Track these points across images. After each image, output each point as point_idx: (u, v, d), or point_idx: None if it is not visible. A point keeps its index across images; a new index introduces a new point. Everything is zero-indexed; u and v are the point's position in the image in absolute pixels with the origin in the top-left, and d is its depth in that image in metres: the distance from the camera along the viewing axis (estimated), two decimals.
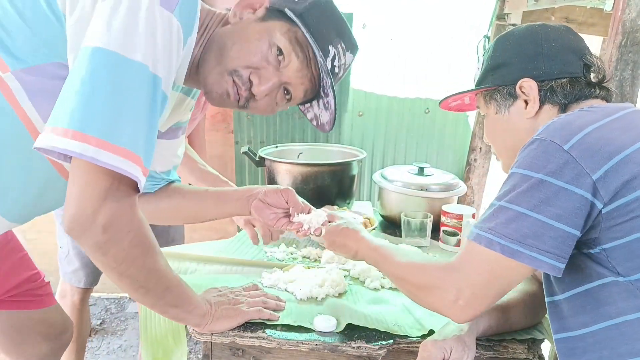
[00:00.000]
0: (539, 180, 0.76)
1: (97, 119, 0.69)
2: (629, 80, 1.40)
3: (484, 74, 1.03)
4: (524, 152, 0.81)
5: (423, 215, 1.53)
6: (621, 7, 1.34)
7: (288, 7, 0.92)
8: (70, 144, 0.68)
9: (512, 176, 0.81)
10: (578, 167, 0.74)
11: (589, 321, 0.79)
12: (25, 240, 2.68)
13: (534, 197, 0.76)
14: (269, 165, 1.80)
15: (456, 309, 0.82)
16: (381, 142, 2.54)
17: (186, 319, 0.97)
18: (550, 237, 0.75)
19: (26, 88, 0.79)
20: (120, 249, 0.78)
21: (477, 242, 0.80)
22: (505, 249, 0.77)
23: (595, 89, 0.93)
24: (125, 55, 0.71)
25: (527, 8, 1.97)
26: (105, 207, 0.74)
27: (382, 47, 2.41)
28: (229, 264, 1.37)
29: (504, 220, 0.78)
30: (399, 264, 0.96)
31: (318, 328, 1.02)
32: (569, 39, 0.96)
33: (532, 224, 0.75)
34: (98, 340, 2.60)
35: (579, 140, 0.76)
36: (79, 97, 0.69)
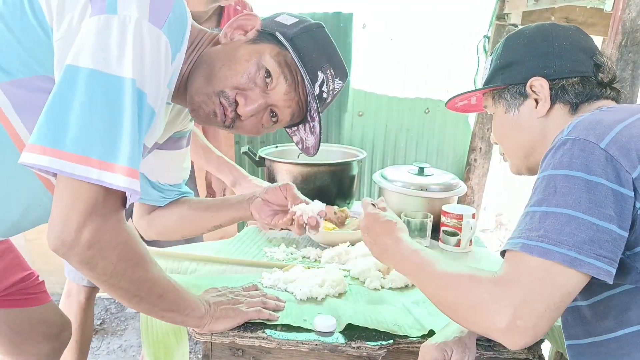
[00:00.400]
0: (585, 180, 0.71)
1: (78, 135, 0.70)
2: (629, 80, 1.40)
3: (493, 73, 1.00)
4: (556, 153, 0.76)
5: (423, 215, 1.53)
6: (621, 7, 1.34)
7: (279, 30, 0.93)
8: (51, 161, 0.69)
9: (549, 179, 0.75)
10: (618, 165, 0.71)
11: (614, 327, 0.76)
12: (25, 240, 2.69)
13: (583, 198, 0.71)
14: (269, 165, 1.80)
15: (514, 331, 0.70)
16: (381, 142, 2.54)
17: (184, 321, 0.97)
18: (606, 241, 0.70)
19: (13, 101, 0.79)
20: (109, 263, 0.77)
21: (528, 253, 0.71)
22: (564, 257, 0.70)
23: (606, 90, 0.91)
24: (109, 72, 0.72)
25: (527, 8, 1.97)
26: (89, 223, 0.73)
27: (382, 47, 2.41)
28: (229, 264, 1.37)
29: (555, 226, 0.71)
30: (438, 275, 0.83)
31: (318, 328, 1.02)
32: (579, 38, 0.95)
33: (588, 227, 0.70)
34: (98, 340, 2.60)
35: (613, 139, 0.73)
36: (60, 114, 0.70)
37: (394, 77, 2.46)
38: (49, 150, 0.69)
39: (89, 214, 0.73)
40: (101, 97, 0.72)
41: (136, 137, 0.74)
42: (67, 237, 0.73)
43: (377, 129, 2.52)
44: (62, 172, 0.70)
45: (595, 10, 2.03)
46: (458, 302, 0.78)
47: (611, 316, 0.77)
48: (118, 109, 0.72)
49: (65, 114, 0.71)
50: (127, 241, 0.79)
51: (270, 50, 0.92)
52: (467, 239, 1.50)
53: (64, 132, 0.70)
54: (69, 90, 0.71)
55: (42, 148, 0.70)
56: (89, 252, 0.75)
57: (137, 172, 0.74)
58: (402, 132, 2.53)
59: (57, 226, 0.74)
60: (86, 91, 0.71)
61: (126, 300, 0.85)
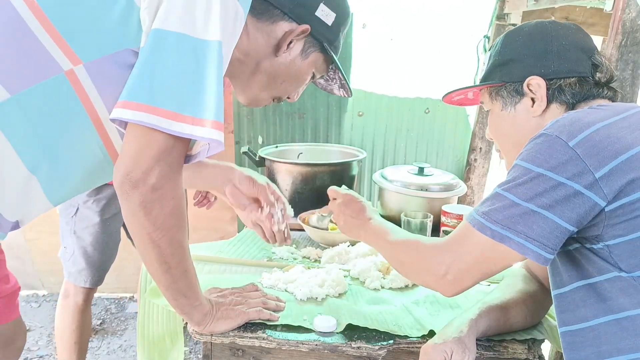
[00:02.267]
0: (538, 174, 0.77)
1: (171, 93, 0.76)
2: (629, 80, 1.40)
3: (490, 69, 1.01)
4: (529, 144, 0.82)
5: (423, 215, 1.53)
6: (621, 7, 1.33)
7: (326, 39, 1.00)
8: (147, 116, 0.75)
9: (515, 167, 0.82)
10: (581, 165, 0.74)
11: (589, 315, 0.79)
12: (25, 240, 2.70)
13: (531, 190, 0.77)
14: (269, 165, 1.80)
15: (444, 282, 0.88)
16: (381, 142, 2.53)
17: (190, 313, 0.97)
18: (539, 225, 0.76)
19: (95, 79, 0.81)
20: (161, 212, 0.81)
21: (472, 225, 0.83)
22: (495, 234, 0.79)
23: (603, 90, 0.92)
24: (196, 37, 0.77)
25: (527, 8, 1.97)
26: (158, 167, 0.78)
27: (382, 47, 2.41)
28: (229, 264, 1.37)
29: (498, 207, 0.80)
30: (393, 243, 1.01)
31: (318, 328, 1.02)
32: (578, 37, 0.94)
33: (524, 212, 0.77)
34: (98, 340, 2.60)
35: (586, 137, 0.76)
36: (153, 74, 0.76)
37: (394, 77, 2.45)
38: (144, 107, 0.75)
39: (157, 160, 0.78)
40: (190, 59, 0.77)
41: (221, 93, 0.80)
42: (135, 175, 0.78)
43: (377, 129, 2.52)
44: (158, 127, 0.75)
45: (595, 10, 2.03)
46: (406, 264, 0.97)
47: (590, 304, 0.80)
48: (206, 70, 0.77)
49: (157, 73, 0.76)
50: (181, 198, 0.84)
51: (320, 60, 1.03)
52: None
53: (157, 90, 0.75)
54: (160, 52, 0.76)
55: (136, 104, 0.75)
56: (151, 195, 0.79)
57: (222, 125, 0.80)
58: (402, 132, 2.52)
59: (127, 164, 0.78)
60: (176, 54, 0.76)
61: (157, 263, 0.87)
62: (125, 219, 0.83)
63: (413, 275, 0.99)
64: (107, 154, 0.89)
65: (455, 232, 0.89)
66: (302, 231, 1.58)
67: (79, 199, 1.70)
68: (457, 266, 0.86)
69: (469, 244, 0.84)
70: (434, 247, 0.91)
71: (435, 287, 0.91)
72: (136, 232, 0.84)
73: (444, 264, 0.87)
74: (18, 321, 1.19)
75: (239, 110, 2.46)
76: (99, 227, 1.74)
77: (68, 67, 0.80)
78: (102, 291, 2.96)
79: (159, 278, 0.91)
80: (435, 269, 0.88)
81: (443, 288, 0.90)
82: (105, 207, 1.73)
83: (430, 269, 0.90)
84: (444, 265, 0.87)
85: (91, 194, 1.70)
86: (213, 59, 0.78)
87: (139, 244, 0.86)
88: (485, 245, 0.82)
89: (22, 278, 2.85)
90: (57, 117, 0.83)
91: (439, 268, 0.87)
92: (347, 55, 2.39)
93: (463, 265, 0.85)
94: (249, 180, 1.20)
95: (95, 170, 0.92)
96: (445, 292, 0.90)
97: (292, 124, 2.50)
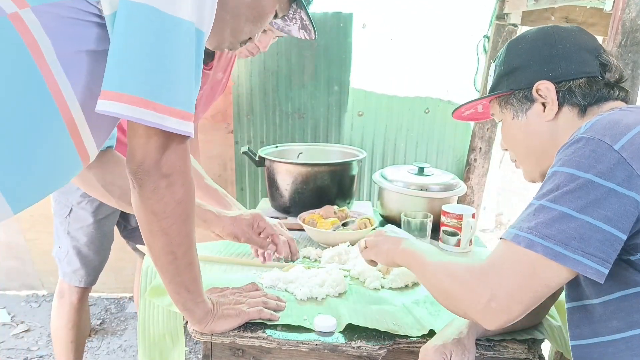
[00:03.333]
0: (588, 180, 0.72)
1: (153, 83, 0.74)
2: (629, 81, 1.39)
3: (497, 80, 1.00)
4: (567, 150, 0.77)
5: (423, 215, 1.53)
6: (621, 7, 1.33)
7: None
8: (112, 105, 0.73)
9: (555, 175, 0.76)
10: (629, 169, 0.71)
11: (624, 327, 0.76)
12: (25, 240, 2.70)
13: (582, 198, 0.72)
14: (268, 165, 1.80)
15: (488, 312, 0.76)
16: (381, 142, 2.54)
17: (192, 310, 0.97)
18: (598, 240, 0.71)
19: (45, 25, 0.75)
20: (172, 199, 0.83)
21: (516, 243, 0.75)
22: (547, 250, 0.72)
23: (614, 90, 0.90)
24: (168, 13, 0.73)
25: (527, 8, 1.97)
26: (165, 157, 0.80)
27: (382, 47, 2.41)
28: (229, 264, 1.37)
29: (546, 221, 0.73)
30: (429, 264, 0.91)
31: (318, 328, 1.02)
32: (582, 38, 0.93)
33: (579, 225, 0.71)
34: (98, 340, 2.60)
35: (629, 140, 0.73)
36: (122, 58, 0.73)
37: (394, 77, 2.45)
38: (111, 94, 0.73)
39: (166, 148, 0.80)
40: (158, 38, 0.74)
41: (192, 79, 0.78)
42: (147, 166, 0.80)
43: (377, 129, 2.52)
44: (124, 116, 0.74)
45: (595, 10, 2.03)
46: (444, 289, 0.85)
47: (621, 316, 0.77)
48: (175, 52, 0.75)
49: (127, 57, 0.73)
50: (190, 187, 0.86)
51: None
52: (467, 239, 1.50)
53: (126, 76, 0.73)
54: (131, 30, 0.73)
55: (106, 93, 0.73)
56: (163, 182, 0.81)
57: (192, 115, 0.79)
58: (402, 132, 2.52)
59: (137, 157, 0.80)
60: (156, 37, 0.74)
61: (164, 253, 0.88)
62: (136, 208, 0.84)
63: (452, 307, 0.85)
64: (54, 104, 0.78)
65: (496, 253, 0.79)
66: (302, 231, 1.58)
67: (73, 200, 1.70)
68: (503, 291, 0.75)
69: (514, 264, 0.75)
70: (472, 271, 0.80)
71: (478, 318, 0.78)
72: (146, 220, 0.85)
73: (488, 288, 0.76)
74: None
75: (239, 110, 2.47)
76: (93, 227, 1.74)
77: (12, 9, 0.73)
78: (102, 291, 2.96)
79: (165, 269, 0.91)
80: (478, 297, 0.76)
81: (488, 318, 0.77)
82: (99, 207, 1.72)
83: (471, 297, 0.78)
84: (488, 290, 0.75)
85: (85, 195, 1.70)
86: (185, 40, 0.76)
87: (147, 234, 0.86)
88: (536, 264, 0.73)
89: (22, 278, 2.87)
90: None
91: (481, 295, 0.76)
92: (347, 55, 2.39)
93: (510, 289, 0.74)
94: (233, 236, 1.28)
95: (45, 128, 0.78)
96: (490, 324, 0.77)
97: (292, 124, 2.50)
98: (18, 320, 2.72)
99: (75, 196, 1.69)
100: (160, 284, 1.17)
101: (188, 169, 0.85)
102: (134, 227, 1.92)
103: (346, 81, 2.44)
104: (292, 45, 2.37)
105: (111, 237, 1.86)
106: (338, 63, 2.41)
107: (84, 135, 0.83)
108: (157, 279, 1.21)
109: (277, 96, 2.45)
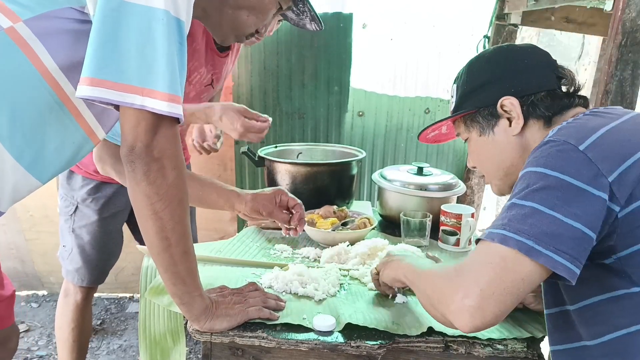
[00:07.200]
0: (557, 178, 0.73)
1: (135, 69, 0.78)
2: (629, 80, 1.40)
3: (460, 99, 1.02)
4: (536, 152, 0.79)
5: (422, 215, 1.53)
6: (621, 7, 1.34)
7: None
8: (97, 90, 0.78)
9: (525, 175, 0.78)
10: (595, 168, 0.72)
11: (602, 332, 0.77)
12: (25, 240, 2.70)
13: (551, 195, 0.73)
14: (268, 165, 1.80)
15: (463, 311, 0.73)
16: (381, 142, 2.54)
17: (189, 304, 0.97)
18: (568, 237, 0.71)
19: (38, 35, 0.83)
20: (164, 182, 0.85)
21: (490, 240, 0.75)
22: (521, 245, 0.71)
23: (574, 98, 0.94)
24: (147, 5, 0.78)
25: (527, 8, 1.97)
26: (156, 139, 0.83)
27: (382, 47, 2.41)
28: (229, 264, 1.37)
29: (518, 216, 0.74)
30: (419, 276, 0.91)
31: (317, 327, 1.02)
32: (538, 54, 0.97)
33: (550, 221, 0.71)
34: (98, 340, 2.60)
35: (594, 142, 0.75)
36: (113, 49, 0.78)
37: (394, 77, 2.46)
38: (95, 81, 0.77)
39: (154, 132, 0.82)
40: (135, 28, 0.78)
41: (175, 63, 0.81)
42: (138, 149, 0.82)
43: (377, 129, 2.52)
44: (108, 100, 0.78)
45: (595, 10, 2.03)
46: (428, 296, 0.84)
47: (599, 321, 0.77)
48: (152, 39, 0.79)
49: (108, 45, 0.77)
50: (182, 170, 0.88)
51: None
52: (466, 239, 1.50)
53: (108, 62, 0.78)
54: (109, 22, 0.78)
55: (89, 79, 0.77)
56: (154, 165, 0.83)
57: (179, 97, 0.82)
58: (402, 132, 2.53)
59: (129, 141, 0.83)
60: (125, 23, 0.78)
61: (158, 238, 0.88)
62: (130, 193, 0.86)
63: (434, 311, 0.82)
64: (61, 104, 0.89)
65: (471, 253, 0.80)
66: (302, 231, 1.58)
67: (79, 197, 1.70)
68: (476, 287, 0.72)
69: (487, 258, 0.74)
70: (448, 273, 0.79)
71: (454, 319, 0.75)
72: (140, 204, 0.86)
73: (461, 286, 0.74)
74: (14, 324, 1.20)
75: None
76: (97, 225, 1.74)
77: (7, 24, 0.81)
78: (102, 291, 2.96)
79: (160, 257, 0.91)
80: (452, 295, 0.74)
81: (462, 318, 0.73)
82: (104, 205, 1.73)
83: (446, 298, 0.76)
84: (461, 288, 0.73)
85: (90, 192, 1.70)
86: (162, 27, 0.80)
87: (142, 219, 0.88)
88: (509, 258, 0.72)
89: (22, 278, 2.87)
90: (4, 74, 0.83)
91: (455, 292, 0.74)
92: (347, 55, 2.40)
93: (482, 285, 0.72)
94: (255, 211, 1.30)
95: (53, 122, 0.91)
96: (466, 324, 0.73)
97: (292, 124, 2.50)
98: (18, 320, 2.72)
99: (81, 193, 1.70)
100: (159, 284, 1.17)
101: (179, 152, 0.87)
102: None
103: (346, 81, 2.44)
104: (292, 45, 2.38)
105: (118, 238, 1.85)
106: (338, 63, 2.41)
107: (89, 120, 0.94)
108: (157, 278, 1.21)
109: (277, 96, 2.45)
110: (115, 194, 1.73)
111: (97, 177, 1.68)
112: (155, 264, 0.93)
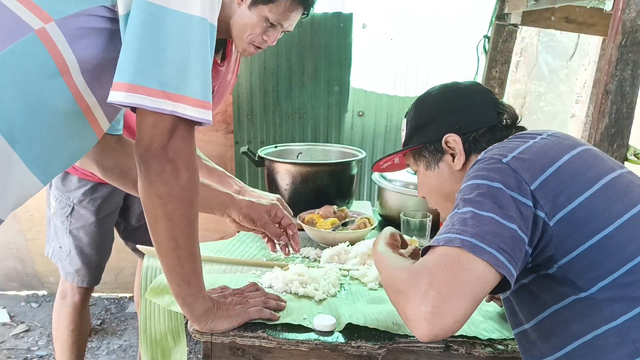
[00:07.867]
0: (488, 186, 0.77)
1: (173, 76, 0.79)
2: (629, 81, 1.39)
3: (410, 134, 1.09)
4: (467, 172, 0.84)
5: (422, 214, 1.53)
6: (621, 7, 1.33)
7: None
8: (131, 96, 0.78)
9: (460, 191, 0.82)
10: (519, 177, 0.77)
11: (561, 343, 0.78)
12: (25, 240, 2.70)
13: (486, 200, 0.76)
14: (268, 165, 1.80)
15: (420, 317, 0.70)
16: (381, 142, 2.54)
17: (192, 305, 0.97)
18: (507, 236, 0.72)
19: (67, 35, 0.82)
20: (177, 184, 0.85)
21: (436, 244, 0.75)
22: (465, 242, 0.71)
23: (512, 130, 0.99)
24: (186, 12, 0.79)
25: (527, 8, 1.97)
26: (172, 141, 0.83)
27: (382, 47, 2.41)
28: (229, 264, 1.37)
29: (459, 221, 0.75)
30: (383, 271, 0.89)
31: (318, 328, 1.02)
32: (481, 92, 1.05)
33: (490, 222, 0.73)
34: (98, 340, 2.60)
35: (515, 156, 0.81)
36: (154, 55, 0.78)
37: (394, 77, 2.46)
38: (134, 87, 0.78)
39: (170, 135, 0.82)
40: (175, 35, 0.79)
41: (209, 70, 0.83)
42: (154, 150, 0.83)
43: (377, 129, 2.52)
44: (141, 106, 0.79)
45: (595, 10, 2.03)
46: (390, 295, 0.82)
47: (556, 332, 0.79)
48: (189, 46, 0.80)
49: (149, 51, 0.78)
50: (195, 173, 0.88)
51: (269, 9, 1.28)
52: None
53: (149, 69, 0.78)
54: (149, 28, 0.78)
55: (127, 85, 0.78)
56: (168, 166, 0.83)
57: (210, 104, 0.83)
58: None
59: (145, 141, 0.83)
60: (165, 29, 0.79)
61: (166, 239, 0.88)
62: (142, 192, 0.86)
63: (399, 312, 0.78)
64: (79, 108, 0.88)
65: (420, 259, 0.77)
66: (302, 231, 1.58)
67: (75, 199, 1.70)
68: (432, 290, 0.69)
69: (440, 260, 0.72)
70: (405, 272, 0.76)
71: (411, 327, 0.72)
72: (151, 205, 0.86)
73: (417, 292, 0.71)
74: None
75: (239, 110, 2.47)
76: (95, 226, 1.74)
77: (39, 25, 0.80)
78: (102, 291, 2.96)
79: (167, 257, 0.91)
80: (407, 301, 0.72)
81: (421, 326, 0.70)
82: (101, 206, 1.72)
83: (401, 303, 0.74)
84: (417, 293, 0.71)
85: (87, 193, 1.70)
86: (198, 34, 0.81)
87: (152, 219, 0.88)
88: (457, 256, 0.71)
89: (22, 278, 2.87)
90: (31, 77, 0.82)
91: (413, 300, 0.71)
92: (347, 55, 2.40)
93: (440, 287, 0.69)
94: (249, 219, 1.24)
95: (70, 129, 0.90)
96: (423, 334, 0.70)
97: (292, 124, 2.50)
98: (18, 320, 2.72)
99: (77, 195, 1.69)
100: (160, 283, 1.17)
101: (193, 155, 0.87)
102: (134, 228, 1.92)
103: (346, 81, 2.44)
104: (292, 45, 2.38)
105: (111, 236, 1.86)
106: (338, 63, 2.41)
107: (102, 122, 0.94)
108: (157, 278, 1.21)
109: (277, 96, 2.45)
110: (110, 194, 1.73)
111: (94, 178, 1.67)
112: (160, 264, 0.93)
